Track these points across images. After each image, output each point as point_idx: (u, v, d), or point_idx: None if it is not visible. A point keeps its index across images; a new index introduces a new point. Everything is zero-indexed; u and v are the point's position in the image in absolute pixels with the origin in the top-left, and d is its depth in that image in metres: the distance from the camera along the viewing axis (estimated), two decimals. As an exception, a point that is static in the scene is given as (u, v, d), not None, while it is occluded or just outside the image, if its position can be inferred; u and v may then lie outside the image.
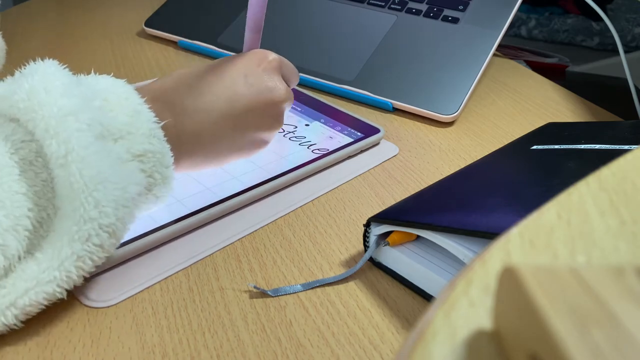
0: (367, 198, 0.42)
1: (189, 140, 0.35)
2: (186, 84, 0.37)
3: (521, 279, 0.12)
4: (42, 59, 0.32)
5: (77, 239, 0.28)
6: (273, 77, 0.40)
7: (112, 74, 0.34)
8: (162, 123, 0.33)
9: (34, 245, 0.28)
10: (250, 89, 0.38)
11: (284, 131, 0.49)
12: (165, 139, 0.33)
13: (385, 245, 0.34)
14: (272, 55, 0.40)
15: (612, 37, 0.60)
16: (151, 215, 0.37)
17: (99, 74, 0.34)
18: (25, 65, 0.32)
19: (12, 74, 0.31)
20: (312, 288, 0.33)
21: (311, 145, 0.47)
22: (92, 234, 0.28)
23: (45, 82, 0.29)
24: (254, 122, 0.38)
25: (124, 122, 0.31)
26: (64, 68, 0.32)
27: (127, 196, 0.30)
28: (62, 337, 0.30)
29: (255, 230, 0.38)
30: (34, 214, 0.28)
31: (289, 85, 0.42)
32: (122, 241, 0.34)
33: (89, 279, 0.33)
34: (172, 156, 0.33)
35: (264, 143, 0.41)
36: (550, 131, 0.46)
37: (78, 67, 0.62)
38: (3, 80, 0.31)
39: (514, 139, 0.46)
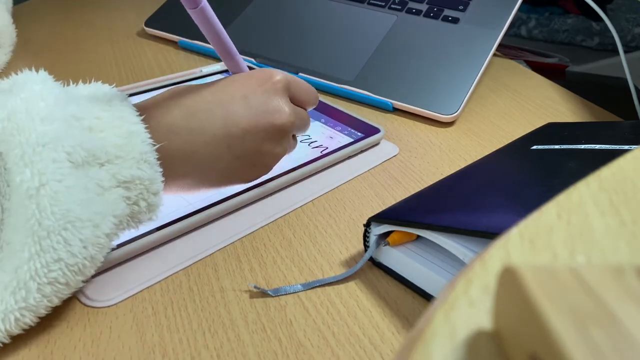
0: (367, 198, 0.42)
1: (179, 161, 0.33)
2: (179, 102, 0.34)
3: (521, 279, 0.12)
4: (46, 65, 0.31)
5: (43, 276, 0.27)
6: (276, 98, 0.37)
7: (114, 84, 0.33)
8: (157, 146, 0.31)
9: None
10: (249, 111, 0.35)
11: None
12: (158, 162, 0.31)
13: (385, 245, 0.34)
14: (279, 76, 0.37)
15: (612, 37, 0.60)
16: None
17: (101, 83, 0.33)
18: (18, 73, 0.30)
19: (16, 73, 0.31)
20: (312, 288, 0.33)
21: (312, 142, 0.47)
22: (59, 275, 0.27)
23: (28, 103, 0.28)
24: (252, 146, 0.36)
25: (114, 145, 0.29)
26: (55, 82, 0.30)
27: (99, 233, 0.28)
28: (62, 336, 0.30)
29: (255, 230, 0.38)
30: None
31: (304, 108, 0.40)
32: (122, 241, 0.34)
33: (89, 278, 0.33)
34: (162, 181, 0.31)
35: (264, 168, 0.38)
36: (550, 131, 0.46)
37: (78, 66, 0.62)
38: None
39: (514, 139, 0.46)
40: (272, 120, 0.36)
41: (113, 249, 0.34)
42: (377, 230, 0.34)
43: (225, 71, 0.58)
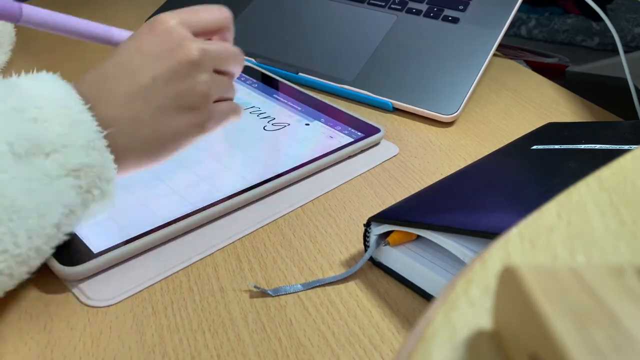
0: (367, 198, 0.42)
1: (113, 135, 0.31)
2: (84, 79, 0.33)
3: (521, 279, 0.12)
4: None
5: None
6: (172, 37, 0.34)
7: (58, 72, 0.32)
8: (105, 132, 0.30)
9: None
10: (148, 59, 0.33)
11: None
12: (108, 149, 0.30)
13: (385, 245, 0.34)
14: (172, 21, 0.34)
15: (612, 37, 0.60)
16: (151, 214, 0.37)
17: (45, 72, 0.31)
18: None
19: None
20: (313, 288, 0.33)
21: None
22: (4, 266, 0.27)
23: None
24: (169, 90, 0.33)
25: (58, 134, 0.29)
26: None
27: (46, 223, 0.28)
28: (63, 336, 0.30)
29: (255, 230, 0.38)
30: None
31: (222, 40, 0.37)
32: (122, 241, 0.34)
33: (90, 278, 0.33)
34: (115, 168, 0.31)
35: (201, 109, 0.35)
36: (550, 131, 0.46)
37: (78, 66, 0.62)
38: None
39: (514, 139, 0.46)
40: (175, 58, 0.34)
41: (114, 249, 0.34)
42: (377, 230, 0.34)
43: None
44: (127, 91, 0.33)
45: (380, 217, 0.34)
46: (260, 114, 0.51)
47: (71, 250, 0.33)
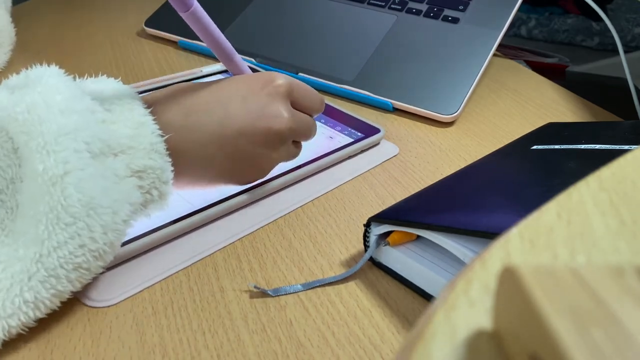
0: (367, 198, 0.42)
1: (175, 158, 0.33)
2: (178, 100, 0.35)
3: (521, 279, 0.12)
4: (48, 64, 0.31)
5: (70, 262, 0.28)
6: (276, 102, 0.36)
7: (119, 78, 0.34)
8: (166, 137, 0.32)
9: None
10: (247, 113, 0.35)
11: None
12: (167, 152, 0.32)
13: (385, 245, 0.34)
14: (281, 80, 0.37)
15: (612, 37, 0.60)
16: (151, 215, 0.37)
17: (106, 77, 0.34)
18: (31, 67, 0.31)
19: (17, 73, 0.31)
20: (313, 288, 0.33)
21: None
22: (83, 260, 0.28)
23: (46, 96, 0.29)
24: (247, 149, 0.36)
25: (125, 136, 0.30)
26: (67, 76, 0.31)
27: (118, 219, 0.29)
28: (62, 336, 0.30)
29: (255, 230, 0.38)
30: None
31: (310, 115, 0.40)
32: (122, 241, 0.34)
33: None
34: (172, 171, 0.32)
35: (260, 172, 0.38)
36: (550, 131, 0.46)
37: (78, 66, 0.62)
38: (7, 81, 0.31)
39: (514, 139, 0.46)
40: (269, 125, 0.36)
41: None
42: (377, 230, 0.34)
43: (226, 71, 0.58)
44: (212, 133, 0.35)
45: (380, 217, 0.34)
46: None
47: (71, 250, 0.33)
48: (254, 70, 0.40)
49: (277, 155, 0.38)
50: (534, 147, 0.41)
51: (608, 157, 0.19)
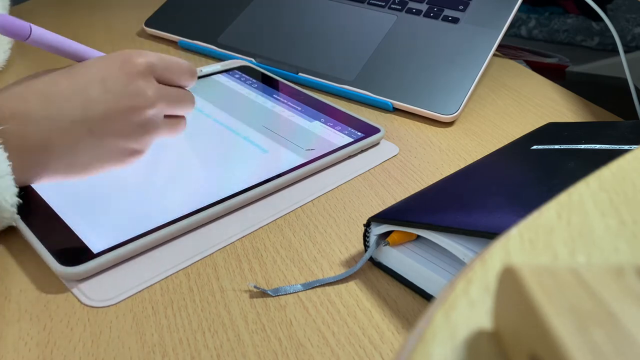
0: (367, 198, 0.42)
1: (38, 150, 0.33)
2: (35, 89, 0.34)
3: (521, 279, 0.12)
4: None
5: None
6: (137, 80, 0.36)
7: None
8: (1, 127, 0.31)
9: None
10: (108, 95, 0.35)
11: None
12: (2, 147, 0.31)
13: (385, 245, 0.34)
14: (139, 58, 0.36)
15: (612, 37, 0.60)
16: (151, 215, 0.37)
17: None
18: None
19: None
20: (312, 288, 0.33)
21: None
22: None
23: None
24: (115, 130, 0.35)
25: None
26: None
27: None
28: (62, 336, 0.30)
29: (255, 230, 0.38)
30: None
31: (183, 87, 0.39)
32: (123, 241, 0.34)
33: (90, 278, 0.33)
34: (9, 165, 0.31)
35: (136, 152, 0.37)
36: (550, 131, 0.46)
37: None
38: None
39: (514, 139, 0.46)
40: (132, 104, 0.35)
41: (114, 248, 0.34)
42: (377, 230, 0.34)
43: (225, 71, 0.58)
44: (75, 120, 0.34)
45: (380, 217, 0.34)
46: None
47: (71, 250, 0.33)
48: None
49: (145, 132, 0.37)
50: (534, 147, 0.41)
51: (608, 157, 0.19)
